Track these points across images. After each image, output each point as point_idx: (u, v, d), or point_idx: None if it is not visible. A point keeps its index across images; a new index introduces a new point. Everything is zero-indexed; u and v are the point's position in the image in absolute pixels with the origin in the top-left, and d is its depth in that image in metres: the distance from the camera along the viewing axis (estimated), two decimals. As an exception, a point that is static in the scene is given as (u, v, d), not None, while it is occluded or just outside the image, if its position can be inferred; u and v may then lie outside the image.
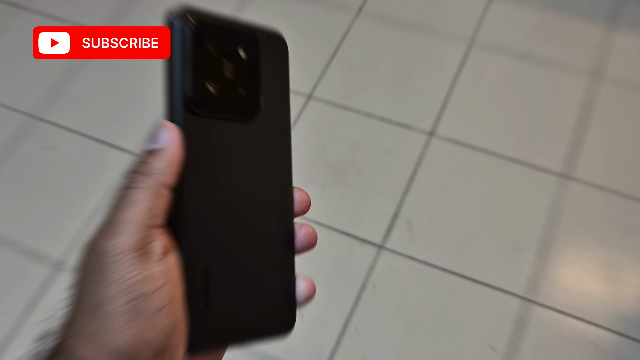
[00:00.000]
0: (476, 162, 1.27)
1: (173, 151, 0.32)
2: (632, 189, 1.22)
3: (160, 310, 0.30)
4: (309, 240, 0.38)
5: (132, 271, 0.29)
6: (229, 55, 0.35)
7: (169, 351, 0.31)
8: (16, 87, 1.42)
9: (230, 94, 0.35)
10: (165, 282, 0.30)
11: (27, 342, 1.10)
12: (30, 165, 1.31)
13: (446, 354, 1.07)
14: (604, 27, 1.44)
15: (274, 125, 0.37)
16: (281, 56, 0.38)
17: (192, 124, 0.33)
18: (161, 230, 0.32)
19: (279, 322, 0.37)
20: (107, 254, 0.30)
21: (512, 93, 1.36)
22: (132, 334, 0.29)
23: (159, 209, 0.31)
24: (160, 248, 0.31)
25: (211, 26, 0.34)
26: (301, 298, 0.38)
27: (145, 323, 0.29)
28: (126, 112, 1.38)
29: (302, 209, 0.39)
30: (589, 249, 1.16)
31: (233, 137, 0.35)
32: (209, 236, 0.34)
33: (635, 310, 1.10)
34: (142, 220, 0.30)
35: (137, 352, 0.29)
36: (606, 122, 1.31)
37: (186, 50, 0.33)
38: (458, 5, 1.51)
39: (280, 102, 0.38)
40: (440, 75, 1.39)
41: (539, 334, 1.08)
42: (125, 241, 0.30)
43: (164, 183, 0.31)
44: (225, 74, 0.34)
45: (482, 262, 1.16)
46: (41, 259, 1.19)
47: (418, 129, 1.31)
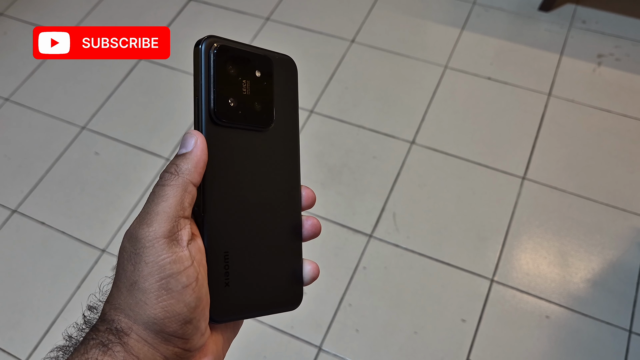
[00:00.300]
0: (450, 166, 1.27)
1: (198, 154, 0.32)
2: (579, 188, 1.22)
3: (186, 287, 0.30)
4: (314, 230, 0.39)
5: (163, 254, 0.30)
6: (246, 75, 0.35)
7: (194, 322, 0.31)
8: (68, 103, 1.42)
9: (247, 107, 0.35)
10: (191, 264, 0.30)
11: (78, 313, 1.10)
12: (80, 168, 1.31)
13: (425, 326, 1.07)
14: (554, 55, 1.44)
15: (285, 133, 0.37)
16: (291, 76, 0.38)
17: (215, 132, 0.34)
18: (188, 221, 0.32)
19: (288, 298, 0.37)
20: (143, 240, 0.30)
21: (480, 108, 1.36)
22: (163, 307, 0.30)
23: (186, 203, 0.31)
24: (187, 235, 0.31)
25: (231, 50, 0.34)
26: (307, 278, 0.38)
27: (174, 298, 0.30)
28: (158, 123, 1.37)
29: (309, 203, 0.39)
30: (543, 238, 1.16)
31: (250, 143, 0.35)
32: (228, 226, 0.34)
33: (581, 289, 1.10)
34: (172, 212, 0.31)
35: (167, 322, 0.30)
36: (557, 133, 1.31)
37: (209, 71, 0.33)
38: (434, 36, 1.50)
39: (290, 114, 0.38)
40: (419, 94, 1.39)
41: (502, 308, 1.08)
42: (158, 229, 0.30)
43: (191, 181, 0.32)
44: (243, 91, 0.35)
45: (455, 248, 1.16)
46: (89, 245, 1.19)
47: (401, 138, 1.31)
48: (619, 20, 1.50)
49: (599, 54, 1.43)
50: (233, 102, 0.34)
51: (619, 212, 1.18)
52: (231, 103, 0.34)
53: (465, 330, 1.06)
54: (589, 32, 1.48)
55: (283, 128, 0.37)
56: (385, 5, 1.56)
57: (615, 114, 1.33)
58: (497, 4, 1.55)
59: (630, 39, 1.46)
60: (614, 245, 1.14)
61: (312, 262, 0.39)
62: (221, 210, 0.34)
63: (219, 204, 0.34)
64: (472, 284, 1.11)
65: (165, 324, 0.30)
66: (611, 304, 1.08)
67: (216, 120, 0.33)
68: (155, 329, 0.30)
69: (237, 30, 1.53)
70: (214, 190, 0.34)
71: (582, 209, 1.19)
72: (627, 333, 1.04)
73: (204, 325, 0.32)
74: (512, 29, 1.50)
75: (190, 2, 1.61)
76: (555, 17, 1.51)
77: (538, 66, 1.43)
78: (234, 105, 0.34)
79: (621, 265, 1.12)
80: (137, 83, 1.45)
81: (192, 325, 0.31)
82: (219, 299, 0.33)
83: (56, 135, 1.36)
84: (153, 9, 1.60)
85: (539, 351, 1.03)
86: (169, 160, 1.30)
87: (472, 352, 1.04)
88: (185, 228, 0.31)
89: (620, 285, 1.09)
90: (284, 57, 0.38)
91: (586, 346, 1.03)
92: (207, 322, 0.32)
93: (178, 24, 1.56)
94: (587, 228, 1.17)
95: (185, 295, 0.30)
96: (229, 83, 0.34)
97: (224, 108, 0.34)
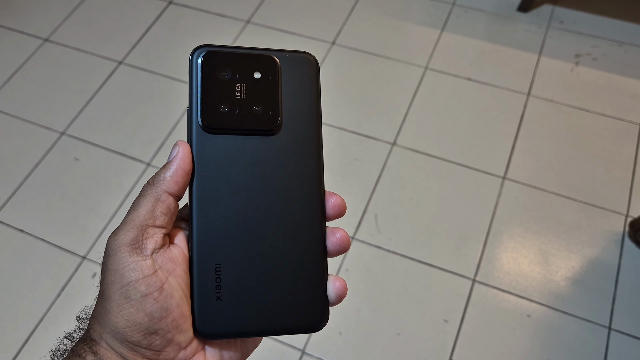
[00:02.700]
0: (431, 166, 1.27)
1: (177, 164, 0.32)
2: (558, 187, 1.23)
3: (146, 296, 0.29)
4: (340, 243, 0.34)
5: (123, 262, 0.30)
6: (242, 79, 0.34)
7: (161, 334, 0.30)
8: (46, 109, 1.40)
9: (243, 112, 0.33)
10: (152, 272, 0.30)
11: (58, 321, 1.08)
12: (59, 174, 1.29)
13: (408, 327, 1.07)
14: (533, 55, 1.45)
15: (300, 136, 0.34)
16: (308, 75, 0.35)
17: (207, 140, 0.33)
18: (160, 230, 0.31)
19: (306, 319, 0.33)
20: (109, 248, 0.30)
21: (460, 109, 1.37)
22: (123, 315, 0.29)
23: (158, 212, 0.31)
24: (153, 244, 0.30)
25: (222, 56, 0.34)
26: (332, 297, 0.34)
27: (133, 307, 0.29)
28: (139, 128, 1.36)
29: (336, 212, 0.35)
30: (524, 238, 1.17)
31: (253, 149, 0.33)
32: (221, 236, 0.32)
33: (561, 287, 1.10)
34: (139, 221, 0.30)
35: (128, 332, 0.29)
36: (536, 132, 1.31)
37: (197, 79, 0.33)
38: (415, 37, 1.51)
39: (307, 115, 0.35)
40: (400, 95, 1.39)
41: (484, 308, 1.08)
42: (122, 238, 0.30)
43: (165, 190, 0.31)
44: (237, 95, 0.33)
45: (437, 249, 1.16)
46: (69, 252, 1.17)
47: (382, 140, 1.31)
48: (595, 21, 1.51)
49: (577, 53, 1.45)
50: (225, 108, 0.33)
51: (597, 210, 1.19)
52: (223, 109, 0.33)
53: (447, 330, 1.06)
54: (567, 32, 1.49)
55: (297, 130, 0.34)
56: (366, 7, 1.56)
57: (594, 113, 1.34)
58: (476, 5, 1.56)
59: (606, 39, 1.47)
60: (593, 244, 1.15)
61: (339, 278, 0.34)
62: (213, 219, 0.32)
63: (211, 213, 0.32)
64: (454, 284, 1.11)
65: (127, 333, 0.29)
66: (591, 301, 1.08)
67: (206, 128, 0.33)
68: (119, 337, 0.29)
69: (217, 34, 1.52)
70: (205, 199, 0.32)
71: (561, 208, 1.20)
72: (607, 330, 1.05)
73: (181, 338, 0.31)
74: (492, 29, 1.51)
75: (170, 5, 1.60)
76: (534, 18, 1.52)
77: (517, 66, 1.43)
78: (227, 111, 0.33)
79: (600, 263, 1.13)
80: (117, 87, 1.43)
81: (161, 337, 0.30)
82: (206, 312, 0.32)
83: (35, 141, 1.34)
84: (132, 12, 1.58)
85: (520, 350, 1.04)
86: (149, 165, 1.29)
87: (455, 352, 1.04)
88: (153, 237, 0.31)
89: (600, 283, 1.10)
90: (300, 54, 0.35)
91: (567, 344, 1.04)
92: (187, 336, 0.31)
93: (158, 28, 1.55)
94: (567, 227, 1.17)
95: (145, 304, 0.29)
96: (219, 89, 0.33)
97: (213, 115, 0.33)
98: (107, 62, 1.48)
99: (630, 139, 1.29)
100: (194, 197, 0.32)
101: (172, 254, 0.31)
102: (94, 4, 1.61)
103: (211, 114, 0.33)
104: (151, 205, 0.31)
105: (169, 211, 0.31)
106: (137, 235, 0.30)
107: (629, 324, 1.06)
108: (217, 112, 0.33)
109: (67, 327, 0.35)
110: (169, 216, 0.32)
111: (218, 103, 0.33)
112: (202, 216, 0.32)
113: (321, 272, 0.34)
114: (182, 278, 0.31)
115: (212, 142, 0.33)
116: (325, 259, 0.34)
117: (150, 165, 1.29)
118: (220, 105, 0.33)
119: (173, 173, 0.32)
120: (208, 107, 0.33)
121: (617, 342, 1.04)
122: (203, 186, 0.33)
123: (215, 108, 0.33)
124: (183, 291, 0.31)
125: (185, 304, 0.31)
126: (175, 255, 0.31)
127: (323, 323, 0.34)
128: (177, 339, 0.30)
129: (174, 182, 0.32)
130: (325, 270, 0.34)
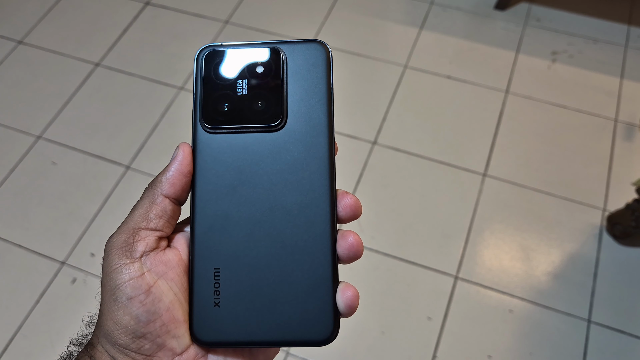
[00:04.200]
0: (412, 165, 1.27)
1: (174, 166, 0.31)
2: (538, 183, 1.24)
3: (132, 299, 0.29)
4: (350, 249, 0.31)
5: (112, 264, 0.29)
6: (244, 74, 0.33)
7: (150, 338, 0.29)
8: (22, 112, 1.38)
9: (245, 108, 0.32)
10: (139, 275, 0.29)
11: (37, 329, 1.06)
12: (37, 178, 1.27)
13: (392, 325, 1.07)
14: (511, 52, 1.46)
15: (308, 129, 0.32)
16: (317, 64, 0.33)
17: (210, 140, 0.32)
18: (153, 232, 0.31)
19: (312, 330, 0.30)
20: (104, 250, 0.30)
21: (440, 107, 1.37)
22: (112, 318, 0.29)
23: (152, 214, 0.31)
24: (144, 246, 0.30)
25: (223, 54, 0.33)
26: (341, 307, 0.31)
27: (120, 309, 0.29)
28: (118, 130, 1.34)
29: (350, 214, 0.32)
30: (505, 234, 1.18)
31: (257, 147, 0.32)
32: (222, 240, 0.31)
33: (542, 282, 1.12)
34: (132, 224, 0.30)
35: (116, 334, 0.29)
36: (515, 129, 1.33)
37: (197, 80, 0.33)
38: (394, 36, 1.51)
39: (316, 106, 0.32)
40: (380, 94, 1.39)
41: (467, 305, 1.09)
42: (114, 240, 0.30)
43: (161, 193, 0.31)
44: (238, 92, 0.32)
45: (419, 247, 1.16)
46: (47, 258, 1.15)
47: (363, 139, 1.31)
48: (571, 18, 1.53)
49: (554, 51, 1.46)
50: (226, 107, 0.32)
51: (576, 205, 1.21)
52: (223, 108, 0.32)
53: (431, 327, 1.07)
54: (544, 29, 1.51)
55: (305, 125, 0.32)
56: (345, 6, 1.56)
57: (571, 110, 1.36)
58: (454, 3, 1.57)
59: (582, 36, 1.49)
60: (572, 238, 1.17)
61: (350, 286, 0.31)
62: (213, 222, 0.31)
63: (211, 215, 0.31)
64: (437, 282, 1.12)
65: (115, 336, 0.29)
66: (571, 295, 1.10)
67: (208, 128, 0.32)
68: (110, 340, 0.29)
69: (196, 35, 1.51)
70: (205, 201, 0.31)
71: (541, 204, 1.21)
72: (586, 323, 1.06)
73: (174, 344, 0.30)
74: (470, 28, 1.52)
75: (147, 6, 1.58)
76: (511, 16, 1.54)
77: (495, 64, 1.45)
78: (228, 109, 0.32)
79: (580, 257, 1.14)
80: (94, 90, 1.41)
81: (150, 341, 0.29)
82: (203, 319, 0.30)
83: (11, 145, 1.31)
84: (109, 13, 1.56)
85: (503, 345, 1.05)
86: (129, 168, 1.27)
87: (439, 349, 1.04)
88: (145, 239, 0.30)
89: (579, 277, 1.12)
90: (308, 43, 0.33)
91: (548, 337, 1.05)
92: (182, 342, 0.30)
93: (135, 29, 1.53)
94: (547, 222, 1.19)
95: (131, 307, 0.29)
96: (220, 87, 0.32)
97: (214, 115, 0.32)
98: (84, 64, 1.46)
99: (607, 135, 1.31)
100: (195, 199, 0.32)
101: (165, 257, 0.31)
102: (70, 5, 1.58)
103: (211, 113, 0.32)
104: (146, 208, 0.31)
105: (165, 214, 0.31)
106: (128, 237, 0.30)
107: (608, 316, 1.07)
108: (218, 111, 0.32)
109: (46, 335, 0.35)
110: (165, 219, 0.31)
111: (219, 102, 0.32)
112: (202, 219, 0.31)
113: (330, 280, 0.31)
114: (175, 282, 0.30)
115: (213, 142, 0.32)
116: (335, 266, 0.31)
117: (129, 168, 1.27)
118: (221, 104, 0.32)
119: (170, 175, 0.31)
120: (209, 107, 0.32)
121: (597, 334, 1.05)
122: (203, 187, 0.32)
123: (216, 107, 0.32)
124: (176, 295, 0.30)
125: (178, 309, 0.30)
126: (169, 259, 0.31)
127: (332, 336, 0.30)
128: (170, 344, 0.30)
129: (170, 184, 0.31)
130: (335, 278, 0.31)
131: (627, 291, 1.11)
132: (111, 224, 1.19)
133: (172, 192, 0.31)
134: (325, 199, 0.31)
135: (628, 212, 1.11)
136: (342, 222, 0.32)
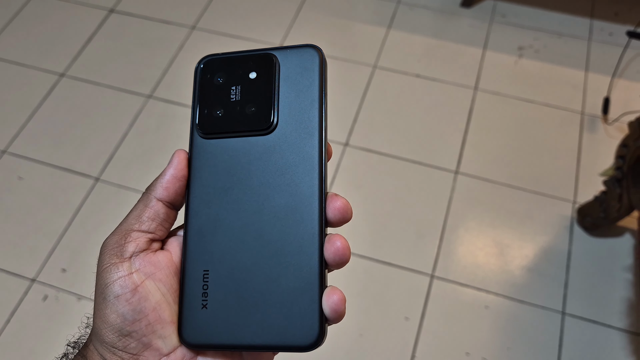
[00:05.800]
0: (384, 165, 1.27)
1: (169, 171, 0.32)
2: (509, 178, 1.25)
3: (118, 297, 0.29)
4: (336, 253, 0.30)
5: (103, 264, 0.30)
6: (237, 81, 0.34)
7: (136, 337, 0.29)
8: (-15, 126, 1.34)
9: (237, 113, 0.33)
10: (127, 274, 0.30)
11: (7, 348, 1.03)
12: (3, 194, 1.24)
13: (369, 327, 1.07)
14: (478, 49, 1.47)
15: (299, 134, 0.32)
16: (310, 68, 0.33)
17: (205, 146, 0.33)
18: (144, 234, 0.31)
19: (298, 336, 0.30)
20: (99, 251, 0.31)
21: (410, 106, 1.38)
22: (100, 315, 0.30)
23: (145, 217, 0.31)
24: (134, 247, 0.31)
25: (219, 62, 0.34)
26: (327, 311, 0.30)
27: (108, 307, 0.29)
28: (85, 142, 1.31)
29: (339, 217, 0.31)
30: (479, 230, 1.19)
31: (248, 150, 0.32)
32: (211, 242, 0.31)
33: (517, 276, 1.13)
34: (125, 226, 0.31)
35: (103, 332, 0.29)
36: (485, 126, 1.34)
37: (195, 88, 0.34)
38: (362, 36, 1.51)
39: (307, 110, 0.32)
40: (350, 95, 1.39)
41: (443, 303, 1.10)
42: (108, 241, 0.31)
43: (155, 196, 0.32)
44: (231, 98, 0.33)
45: (394, 248, 1.16)
46: (16, 275, 1.12)
47: (335, 142, 1.31)
48: (536, 14, 1.55)
49: (520, 46, 1.48)
50: (219, 112, 0.33)
51: (547, 199, 1.22)
52: (217, 113, 0.33)
53: (409, 327, 1.07)
54: (509, 25, 1.52)
55: (296, 128, 0.32)
56: (312, 8, 1.56)
57: (538, 104, 1.37)
58: (421, 2, 1.57)
59: (547, 31, 1.51)
60: (544, 232, 1.18)
61: (336, 290, 0.30)
62: (204, 225, 0.32)
63: (202, 218, 0.32)
64: (412, 281, 1.12)
65: (103, 334, 0.29)
66: (545, 288, 1.11)
67: (203, 135, 0.33)
68: (98, 338, 0.30)
69: (162, 41, 1.48)
70: (197, 204, 0.32)
71: (513, 199, 1.22)
72: (561, 315, 1.08)
73: (160, 344, 0.30)
74: (437, 25, 1.53)
75: (111, 13, 1.55)
76: (477, 13, 1.55)
77: (463, 61, 1.45)
78: (221, 115, 0.33)
79: (552, 250, 1.16)
80: (60, 101, 1.38)
81: (136, 340, 0.29)
82: (190, 321, 0.31)
83: (-26, 161, 1.28)
84: (72, 22, 1.53)
85: (481, 341, 1.06)
86: (98, 180, 1.25)
87: (417, 349, 1.05)
88: (136, 240, 0.31)
89: (552, 269, 1.13)
90: (302, 48, 0.34)
91: (524, 331, 1.06)
92: (169, 342, 0.30)
93: (100, 37, 1.50)
94: (519, 216, 1.20)
95: (117, 305, 0.29)
96: (215, 94, 0.34)
97: (208, 120, 0.33)
98: (48, 75, 1.42)
99: (574, 128, 1.33)
100: (188, 203, 0.33)
101: (155, 258, 0.31)
102: (32, 14, 1.55)
103: (206, 119, 0.33)
104: (139, 211, 0.32)
105: (157, 217, 0.32)
106: (119, 238, 0.31)
107: (582, 308, 1.09)
108: (212, 117, 0.33)
109: (17, 355, 0.35)
110: (158, 222, 0.32)
111: (213, 108, 0.33)
112: (194, 221, 0.32)
113: (317, 284, 0.30)
114: (163, 283, 0.31)
115: (208, 147, 0.33)
116: (322, 270, 0.30)
117: (99, 180, 1.24)
118: (215, 110, 0.33)
119: (164, 180, 0.32)
120: (204, 113, 0.33)
121: (571, 326, 1.07)
122: (197, 191, 0.32)
123: (211, 113, 0.33)
124: (164, 296, 0.31)
125: (165, 309, 0.30)
126: (159, 260, 0.31)
127: (318, 342, 0.30)
128: (156, 344, 0.30)
129: (163, 188, 0.32)
130: (323, 283, 0.30)
131: (599, 282, 1.12)
132: (82, 237, 1.17)
133: (165, 196, 0.32)
134: (314, 202, 0.31)
135: (596, 203, 1.13)
136: (333, 226, 0.31)
